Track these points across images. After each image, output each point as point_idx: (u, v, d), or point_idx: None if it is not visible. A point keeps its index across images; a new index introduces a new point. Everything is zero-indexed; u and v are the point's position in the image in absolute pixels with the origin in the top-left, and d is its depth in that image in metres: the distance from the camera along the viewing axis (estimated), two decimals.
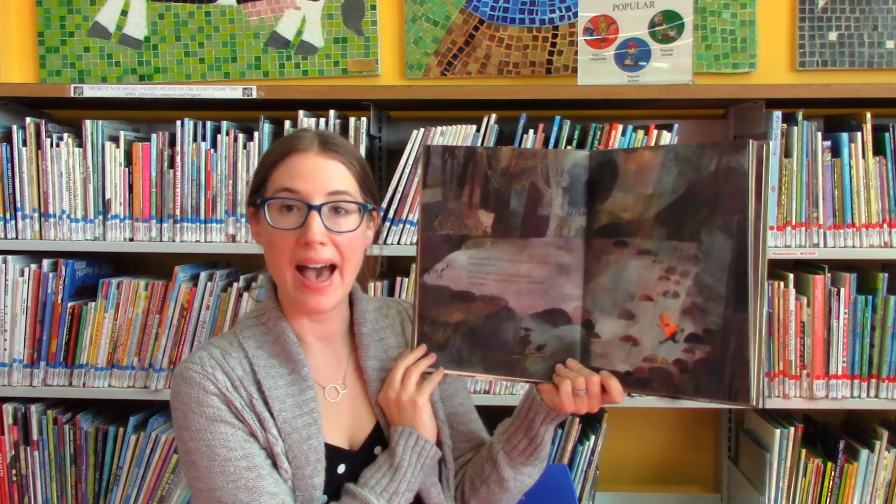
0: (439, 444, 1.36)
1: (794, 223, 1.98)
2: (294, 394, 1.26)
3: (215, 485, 1.19)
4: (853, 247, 1.98)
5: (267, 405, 1.24)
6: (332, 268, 1.25)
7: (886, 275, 1.99)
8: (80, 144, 2.04)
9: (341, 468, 1.28)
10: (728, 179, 1.14)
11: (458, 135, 1.98)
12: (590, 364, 1.24)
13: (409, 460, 1.26)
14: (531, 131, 2.02)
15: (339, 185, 1.25)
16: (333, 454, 1.28)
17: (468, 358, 1.29)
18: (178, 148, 2.02)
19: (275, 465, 1.23)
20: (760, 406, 1.15)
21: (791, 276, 2.00)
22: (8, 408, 2.07)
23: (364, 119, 2.02)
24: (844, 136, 1.98)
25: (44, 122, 2.03)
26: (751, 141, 1.13)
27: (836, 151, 1.99)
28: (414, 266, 2.03)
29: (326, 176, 1.25)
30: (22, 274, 2.03)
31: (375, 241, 1.38)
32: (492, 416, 1.52)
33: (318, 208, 1.22)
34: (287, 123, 2.03)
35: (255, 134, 2.02)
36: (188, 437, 1.21)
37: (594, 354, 1.24)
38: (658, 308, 1.19)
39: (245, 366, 1.26)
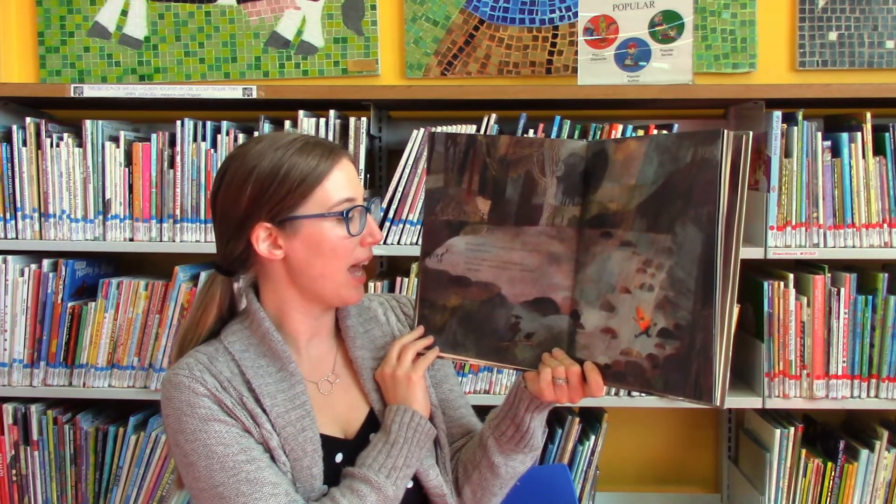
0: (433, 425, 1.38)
1: (794, 223, 1.98)
2: (284, 389, 1.27)
3: (216, 481, 1.20)
4: (853, 247, 1.98)
5: (259, 402, 1.25)
6: None
7: (886, 275, 1.99)
8: (80, 144, 2.04)
9: (339, 457, 1.30)
10: (702, 170, 1.12)
11: None
12: (574, 355, 1.23)
13: (404, 436, 1.27)
14: (531, 131, 2.02)
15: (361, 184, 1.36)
16: (330, 444, 1.29)
17: (462, 342, 1.31)
18: (178, 148, 2.02)
19: (273, 459, 1.24)
20: (722, 407, 1.12)
21: (791, 276, 2.00)
22: (8, 408, 2.07)
23: (364, 119, 2.02)
24: (844, 136, 1.98)
25: (44, 122, 2.03)
26: (724, 130, 1.10)
27: (836, 151, 1.99)
28: (414, 265, 2.05)
29: (358, 179, 1.33)
30: (22, 274, 2.03)
31: None
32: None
33: (369, 209, 1.31)
34: (287, 123, 2.03)
35: (255, 134, 2.02)
36: (183, 440, 1.22)
37: (578, 345, 1.23)
38: (635, 301, 1.17)
39: (233, 367, 1.27)
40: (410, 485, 1.32)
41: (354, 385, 1.37)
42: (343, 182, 1.27)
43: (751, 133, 1.12)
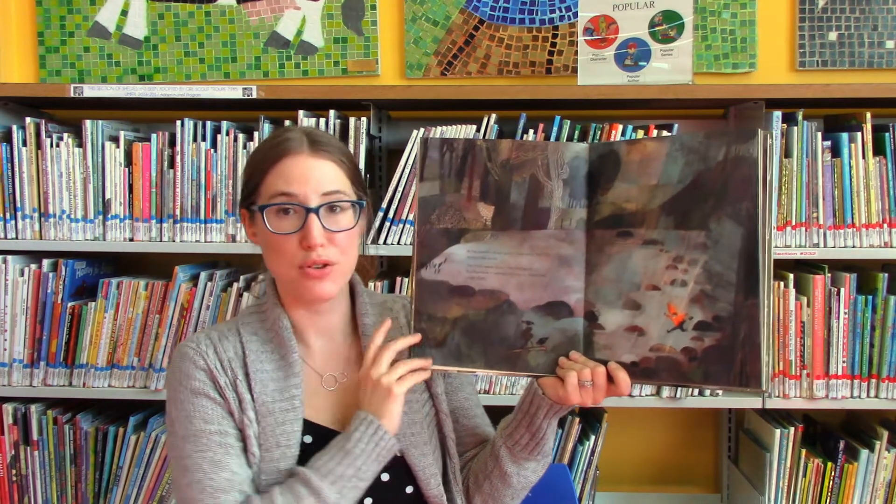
0: (442, 437, 1.37)
1: (794, 223, 1.98)
2: (278, 379, 1.29)
3: (185, 453, 1.23)
4: (853, 247, 1.98)
5: (250, 388, 1.27)
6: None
7: (886, 275, 1.99)
8: (80, 144, 2.04)
9: None
10: (737, 168, 1.15)
11: (457, 135, 1.99)
12: (593, 356, 1.24)
13: (363, 448, 1.23)
14: (531, 131, 2.02)
15: (332, 185, 1.28)
16: (328, 436, 1.29)
17: (468, 353, 1.28)
18: (178, 148, 2.02)
19: (245, 448, 1.26)
20: (768, 390, 1.16)
21: (791, 276, 2.00)
22: (8, 408, 2.07)
23: (364, 119, 2.02)
24: (844, 136, 1.98)
25: (44, 122, 2.03)
26: (759, 130, 1.15)
27: (836, 151, 1.99)
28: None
29: (319, 177, 1.27)
30: (22, 274, 2.03)
31: (375, 240, 1.41)
32: (492, 415, 1.52)
33: (316, 210, 1.25)
34: (287, 123, 2.03)
35: (255, 134, 2.02)
36: (173, 408, 1.27)
37: (598, 346, 1.24)
38: (665, 297, 1.19)
39: (238, 349, 1.30)
40: (410, 490, 1.31)
41: None
42: (286, 175, 1.26)
43: (773, 133, 1.15)
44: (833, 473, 2.03)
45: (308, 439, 1.29)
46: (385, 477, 1.30)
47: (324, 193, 1.27)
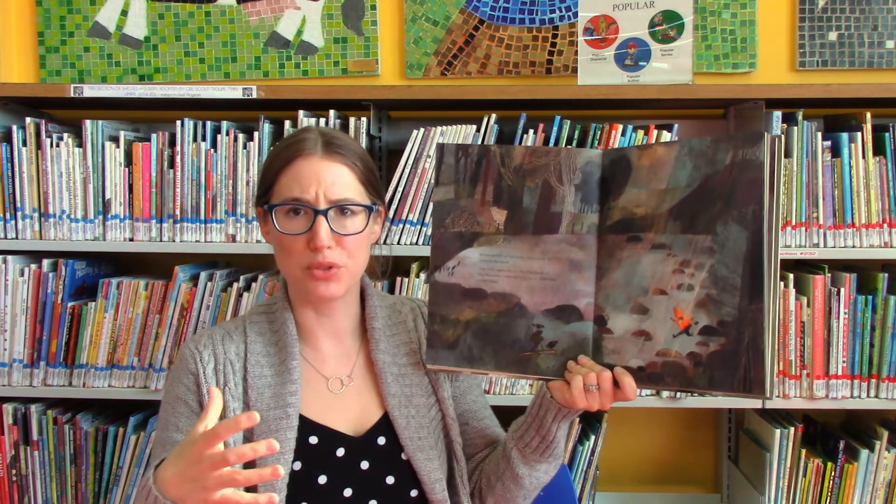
0: (449, 442, 1.37)
1: (794, 223, 1.98)
2: (275, 385, 1.29)
3: (154, 453, 1.30)
4: (853, 247, 1.98)
5: (245, 392, 1.28)
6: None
7: (886, 275, 1.99)
8: (80, 144, 2.04)
9: (340, 451, 1.30)
10: (744, 171, 1.15)
11: (458, 135, 1.98)
12: (601, 360, 1.24)
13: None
14: (531, 131, 2.02)
15: (342, 191, 1.29)
16: (333, 437, 1.30)
17: (479, 356, 1.29)
18: (178, 148, 2.02)
19: None
20: (772, 397, 1.15)
21: (791, 276, 2.00)
22: (8, 408, 2.07)
23: (364, 119, 2.02)
24: (844, 136, 1.98)
25: (44, 122, 2.03)
26: (766, 134, 1.14)
27: (836, 151, 1.99)
28: (414, 266, 2.05)
29: (330, 182, 1.28)
30: (22, 274, 2.03)
31: (376, 241, 1.41)
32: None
33: (325, 213, 1.27)
34: (287, 123, 2.03)
35: (255, 134, 2.02)
36: (163, 400, 1.33)
37: (606, 350, 1.24)
38: (672, 301, 1.19)
39: (241, 350, 1.31)
40: (415, 494, 1.32)
41: (372, 387, 1.36)
42: (297, 177, 1.28)
43: (783, 136, 1.15)
44: (833, 473, 2.03)
45: (314, 440, 1.29)
46: (390, 480, 1.31)
47: (333, 199, 1.28)
